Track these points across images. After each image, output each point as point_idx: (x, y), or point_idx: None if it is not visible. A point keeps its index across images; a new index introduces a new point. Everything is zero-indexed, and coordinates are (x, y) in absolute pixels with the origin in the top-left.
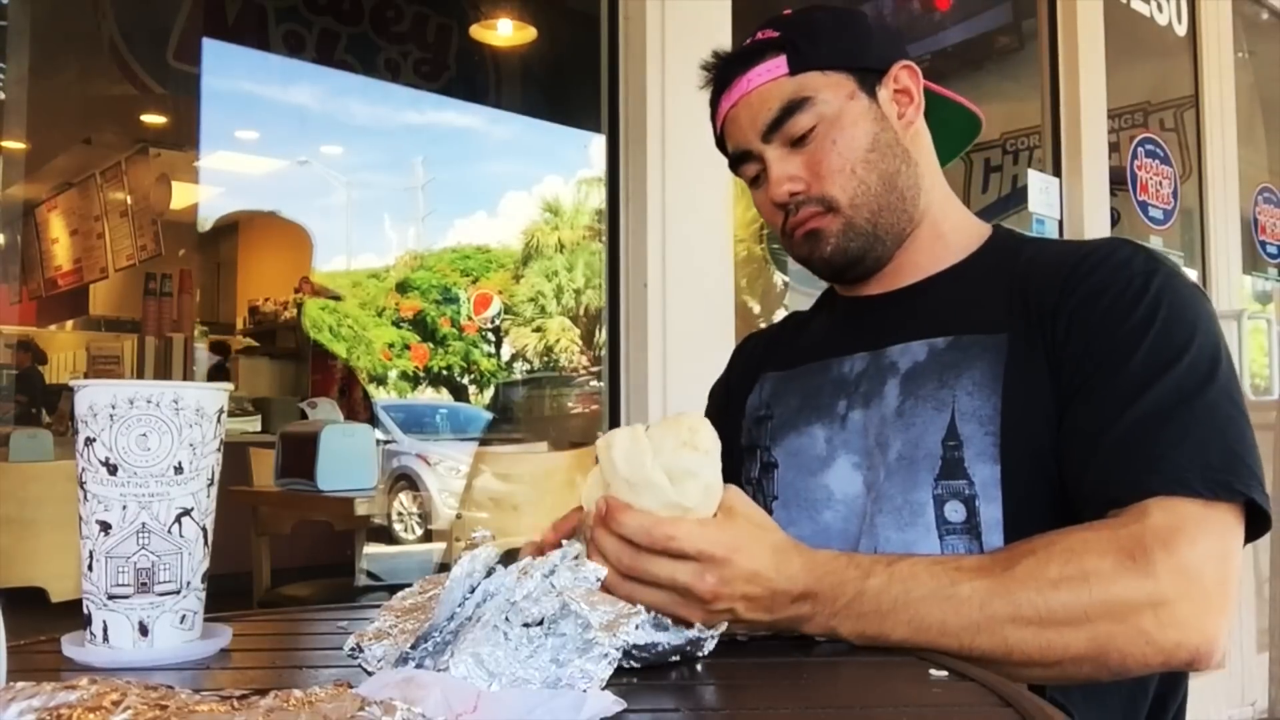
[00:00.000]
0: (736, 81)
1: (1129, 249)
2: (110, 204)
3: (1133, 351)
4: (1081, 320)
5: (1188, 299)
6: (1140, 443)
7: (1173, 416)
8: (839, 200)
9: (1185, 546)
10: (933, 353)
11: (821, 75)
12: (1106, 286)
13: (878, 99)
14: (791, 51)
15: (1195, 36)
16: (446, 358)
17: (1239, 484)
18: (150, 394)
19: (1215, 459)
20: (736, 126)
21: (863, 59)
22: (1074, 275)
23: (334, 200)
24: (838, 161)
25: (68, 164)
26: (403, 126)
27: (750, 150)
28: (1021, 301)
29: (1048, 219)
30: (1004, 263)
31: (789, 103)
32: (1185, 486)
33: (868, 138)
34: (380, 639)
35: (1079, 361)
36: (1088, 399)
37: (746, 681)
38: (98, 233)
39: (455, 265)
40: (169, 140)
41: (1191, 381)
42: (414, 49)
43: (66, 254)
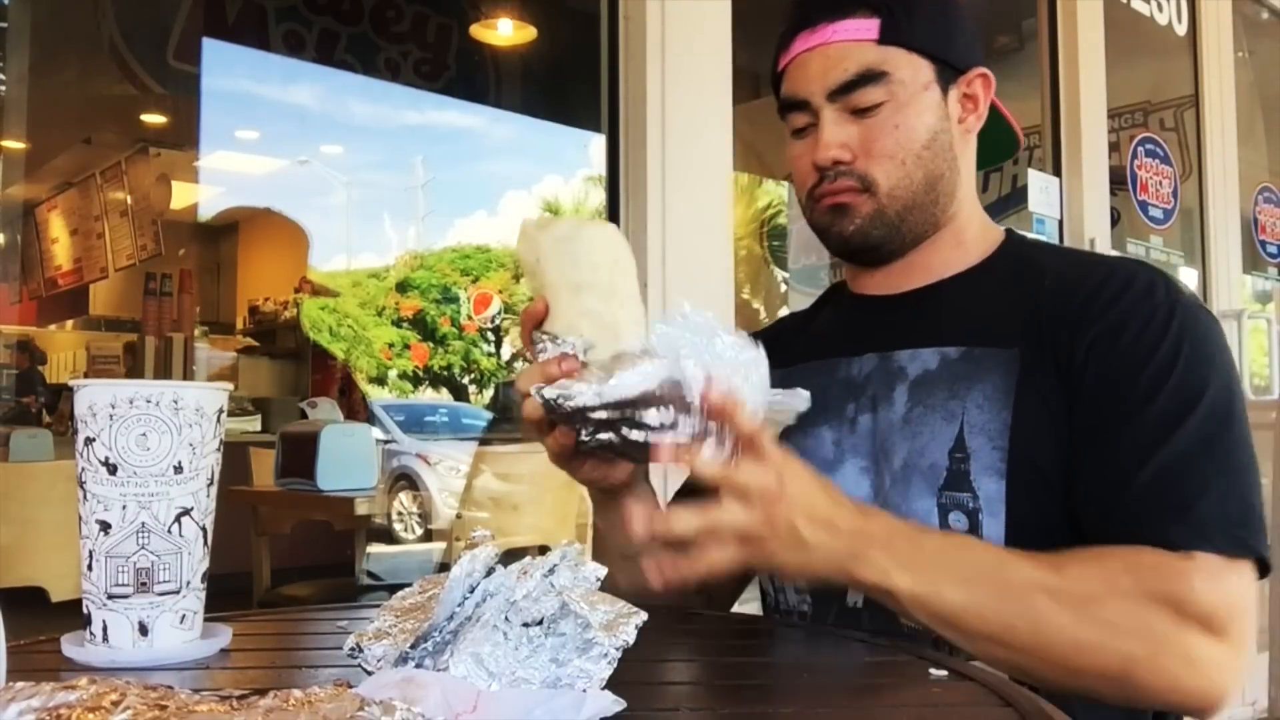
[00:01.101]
0: (821, 26)
1: (1150, 276)
2: (110, 204)
3: (1155, 393)
4: (1102, 352)
5: (1206, 334)
6: (1164, 492)
7: (1195, 465)
8: (880, 185)
9: (1223, 594)
10: (944, 362)
11: (906, 54)
12: (1128, 319)
13: (948, 97)
14: (887, 18)
15: (1195, 36)
16: (446, 357)
17: (1253, 540)
18: (150, 394)
19: (1235, 512)
20: (803, 73)
21: (949, 52)
22: (1094, 301)
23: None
24: (892, 146)
25: (68, 164)
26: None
27: (809, 101)
28: (1036, 318)
29: (1048, 218)
30: (1019, 272)
31: (867, 71)
32: (1209, 542)
33: (928, 133)
34: (380, 639)
35: (1098, 395)
36: (1110, 440)
37: (746, 681)
38: (98, 232)
39: (455, 265)
40: (169, 140)
41: (1212, 426)
42: (414, 49)
43: (66, 254)
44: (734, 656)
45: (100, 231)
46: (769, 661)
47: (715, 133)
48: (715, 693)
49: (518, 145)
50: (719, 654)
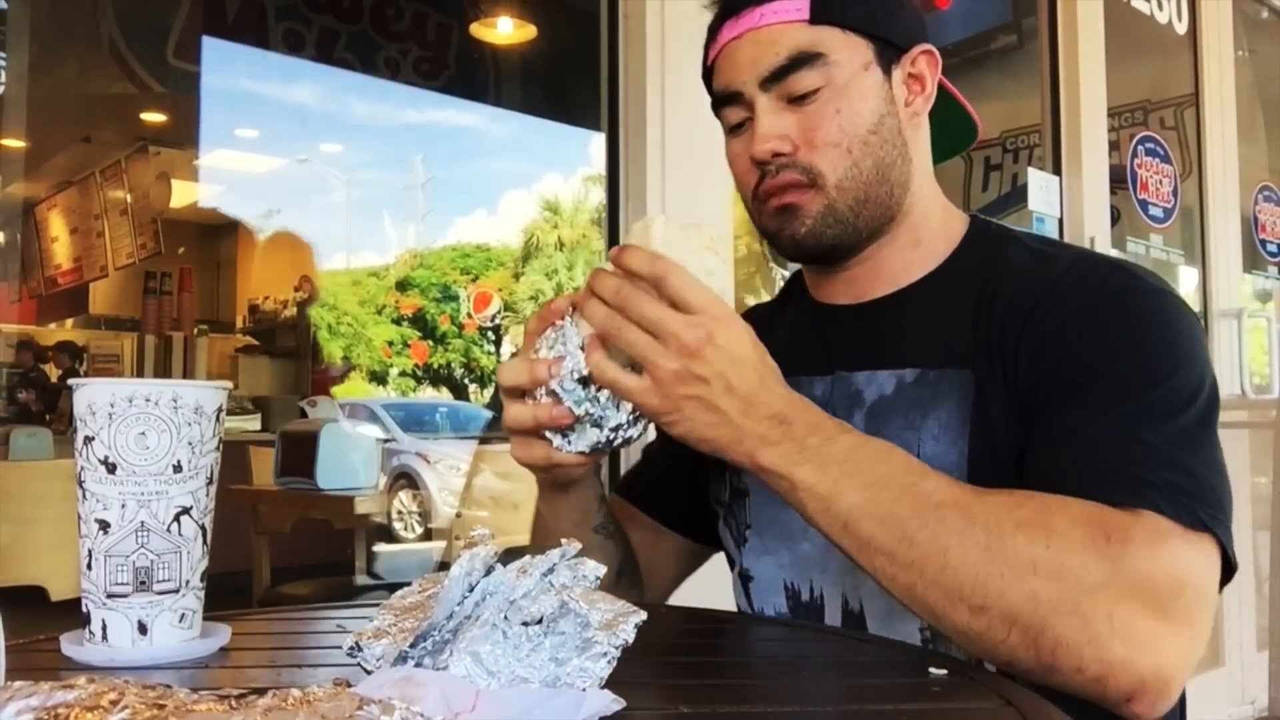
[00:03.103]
0: (747, 11)
1: (1102, 269)
2: (110, 202)
3: (1106, 368)
4: (1047, 353)
5: (1167, 317)
6: (1105, 456)
7: (1145, 435)
8: (826, 177)
9: (1167, 558)
10: (900, 386)
11: (842, 34)
12: (1078, 312)
13: (891, 78)
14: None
15: (1195, 34)
16: (446, 355)
17: (1205, 514)
18: (149, 392)
19: (1186, 484)
20: (733, 62)
21: (889, 29)
22: (1043, 304)
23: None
24: (835, 134)
25: (67, 162)
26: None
27: (741, 93)
28: (987, 331)
29: (1048, 217)
30: (977, 271)
31: (800, 54)
32: (1153, 505)
33: (873, 117)
34: (379, 638)
35: (1047, 391)
36: (1055, 415)
37: (746, 680)
38: (97, 231)
39: (455, 263)
40: (169, 138)
41: (1169, 407)
42: (414, 47)
43: (66, 252)
44: (734, 655)
45: (100, 230)
46: (769, 660)
47: (716, 131)
48: (715, 691)
49: (517, 144)
50: (719, 653)
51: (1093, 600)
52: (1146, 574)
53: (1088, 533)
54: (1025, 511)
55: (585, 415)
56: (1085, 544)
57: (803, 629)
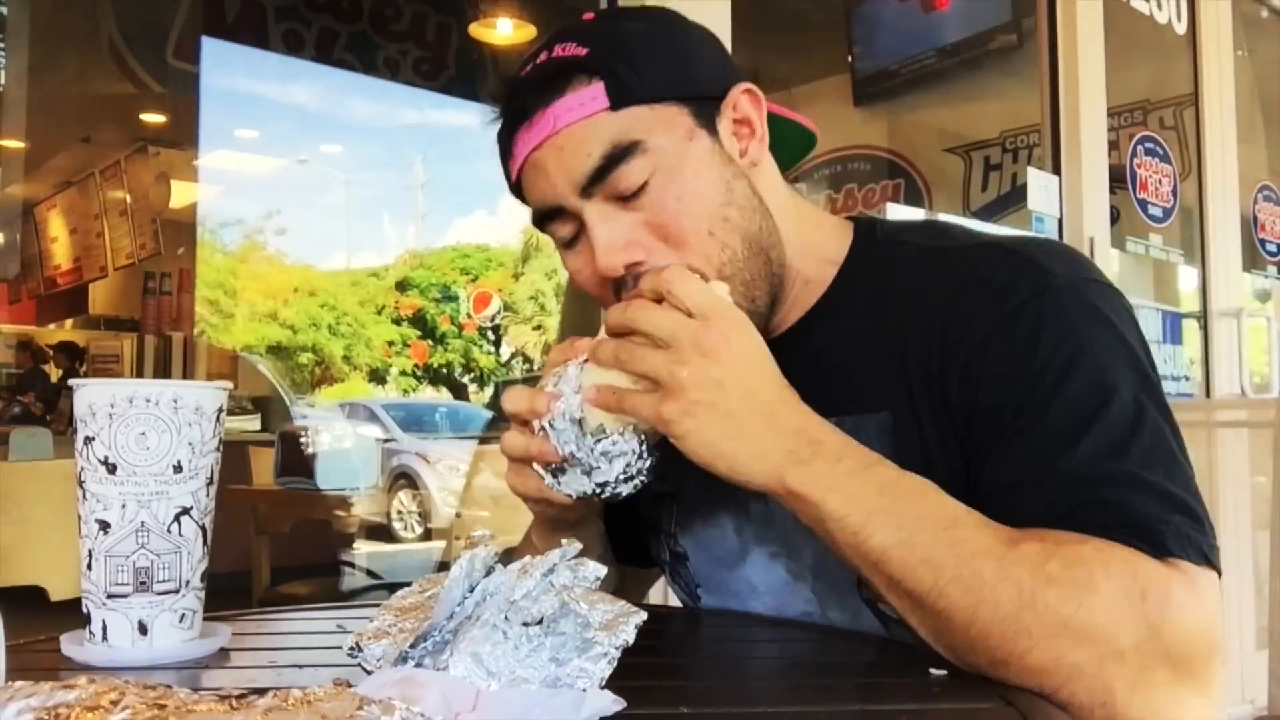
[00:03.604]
0: (539, 115)
1: (1010, 266)
2: (109, 203)
3: (1048, 400)
4: (974, 380)
5: (1092, 313)
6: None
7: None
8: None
9: (1204, 616)
10: None
11: (650, 110)
12: (996, 326)
13: (718, 134)
14: (610, 78)
15: (1195, 34)
16: (446, 355)
17: (1206, 546)
18: (149, 393)
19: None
20: (541, 174)
21: (697, 84)
22: (955, 321)
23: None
24: (688, 223)
25: (67, 163)
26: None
27: (562, 206)
28: (898, 363)
29: (1047, 217)
30: (870, 290)
31: (614, 149)
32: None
33: (719, 190)
34: (380, 638)
35: (985, 425)
36: (1005, 458)
37: (747, 681)
38: (97, 231)
39: (455, 264)
40: (168, 139)
41: (1122, 424)
42: (413, 47)
43: (66, 253)
44: (734, 655)
45: (99, 230)
46: (769, 660)
47: None
48: (715, 692)
49: None
50: (718, 653)
51: (1118, 665)
52: (1182, 638)
53: (1124, 589)
54: (1059, 564)
55: (573, 459)
56: (1120, 603)
57: (803, 630)
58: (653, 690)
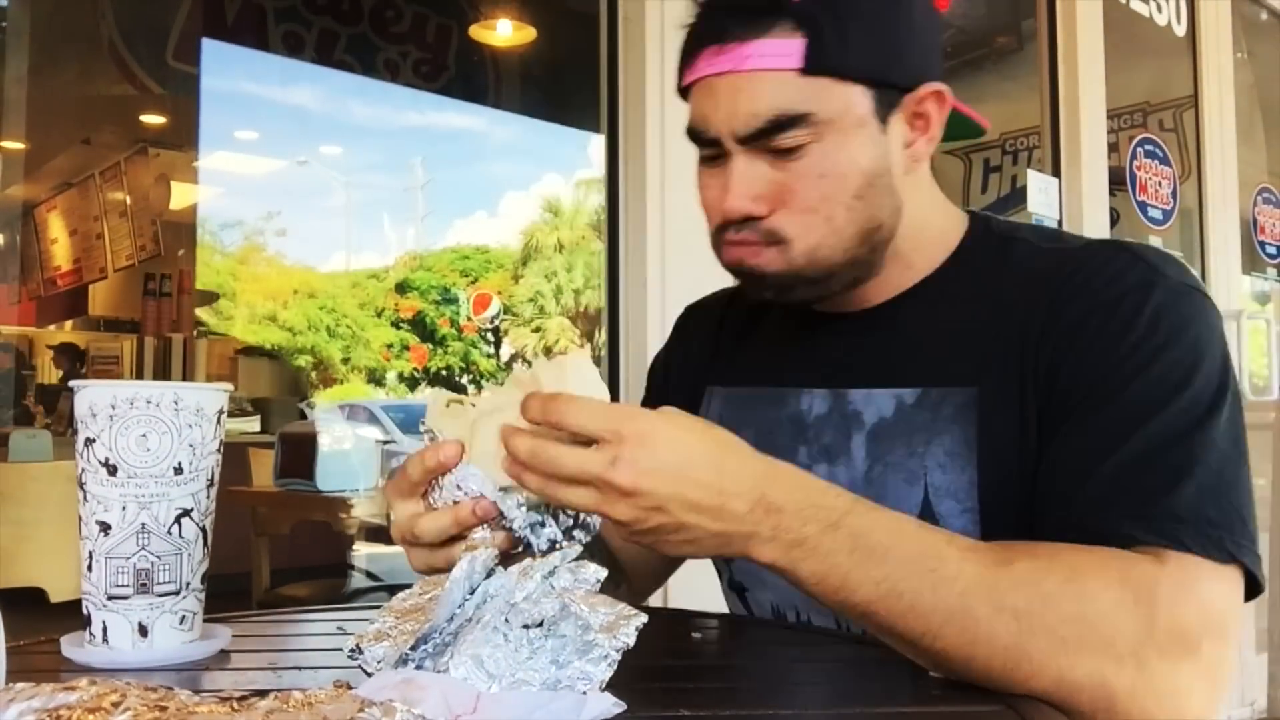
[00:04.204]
0: (732, 45)
1: (1123, 259)
2: (109, 204)
3: (1125, 383)
4: (1065, 356)
5: (1190, 318)
6: (1127, 487)
7: (1167, 458)
8: (796, 245)
9: (1195, 605)
10: (900, 408)
11: (837, 84)
12: (1093, 309)
13: (888, 126)
14: (813, 39)
15: (1194, 37)
16: (446, 358)
17: (1232, 543)
18: (150, 394)
19: (1211, 511)
20: (710, 101)
21: (893, 71)
22: (1056, 304)
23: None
24: (815, 200)
25: (67, 164)
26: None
27: (717, 138)
28: (994, 343)
29: (1047, 219)
30: (980, 276)
31: (783, 116)
32: (1178, 540)
33: (862, 179)
34: (380, 640)
35: (1064, 398)
36: (1072, 435)
37: (747, 683)
38: (97, 233)
39: (454, 266)
40: (168, 140)
41: (1191, 418)
42: (413, 49)
43: (66, 254)
44: (734, 658)
45: (99, 232)
46: (769, 663)
47: None
48: (715, 695)
49: (517, 146)
50: (719, 656)
51: (1118, 670)
52: (1172, 629)
53: (1117, 596)
54: (1054, 581)
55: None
56: (1115, 609)
57: (803, 632)
58: (653, 693)
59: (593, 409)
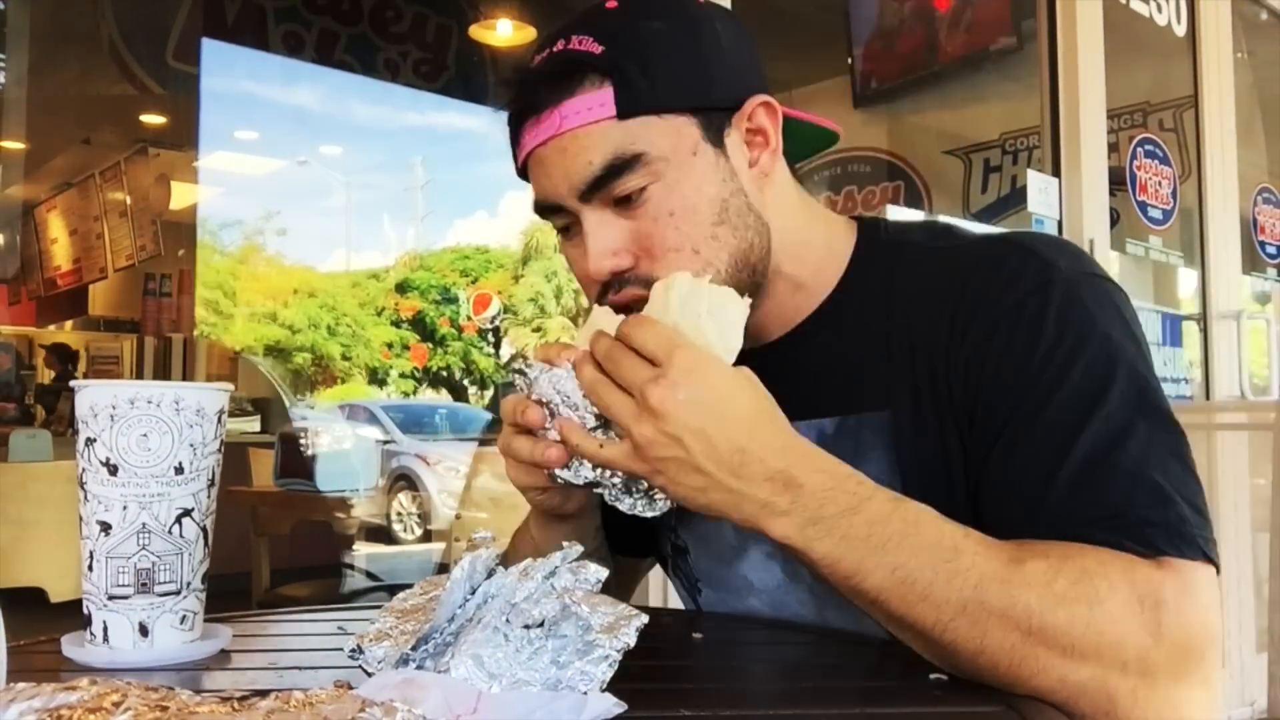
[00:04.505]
0: (546, 113)
1: (1014, 259)
2: (109, 204)
3: (1050, 392)
4: (977, 372)
5: (1095, 305)
6: (1090, 499)
7: (1116, 462)
8: None
9: (1199, 614)
10: (822, 439)
11: (658, 120)
12: (996, 322)
13: (725, 147)
14: (621, 85)
15: (1194, 36)
16: (446, 358)
17: (1203, 542)
18: (151, 394)
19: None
20: (544, 171)
21: (711, 94)
22: (956, 317)
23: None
24: (675, 238)
25: (67, 164)
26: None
27: (560, 204)
28: (903, 360)
29: (1047, 219)
30: (877, 291)
31: (615, 160)
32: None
33: (713, 207)
34: (381, 640)
35: (986, 419)
36: (1011, 453)
37: (746, 683)
38: (97, 233)
39: (454, 265)
40: (168, 140)
41: (1125, 413)
42: (413, 49)
43: (66, 254)
44: (735, 658)
45: (99, 232)
46: (770, 664)
47: None
48: (716, 695)
49: None
50: (720, 656)
51: (1121, 676)
52: (1179, 638)
53: (1126, 601)
54: (1065, 581)
55: None
56: (1124, 614)
57: (803, 633)
58: (653, 693)
59: (659, 331)
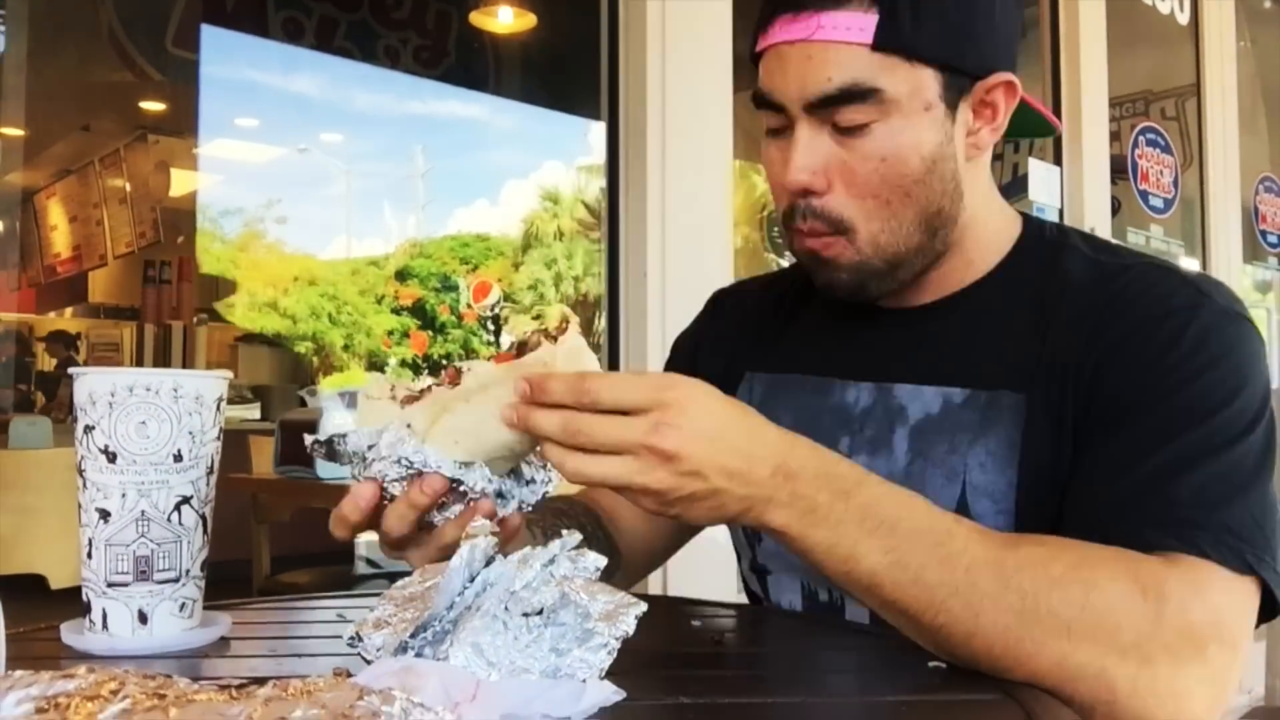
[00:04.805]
0: (806, 14)
1: (1172, 280)
2: (109, 191)
3: (1166, 395)
4: (1106, 372)
5: (1236, 341)
6: (1150, 496)
7: (1193, 471)
8: (858, 232)
9: (1203, 608)
10: (947, 407)
11: (907, 65)
12: (1138, 326)
13: (955, 113)
14: (887, 16)
15: (1197, 25)
16: (446, 345)
17: (1253, 556)
18: (150, 382)
19: (1233, 523)
20: (780, 69)
21: (965, 57)
22: (1104, 319)
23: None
24: (876, 183)
25: (66, 151)
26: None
27: (783, 105)
28: (1044, 350)
29: (1048, 207)
30: (1033, 282)
31: (853, 87)
32: (1196, 547)
33: (923, 164)
34: (380, 628)
35: (1100, 412)
36: (1107, 442)
37: (746, 671)
38: (97, 220)
39: (455, 253)
40: (168, 127)
41: (1225, 437)
42: (413, 36)
43: (65, 241)
44: (734, 647)
45: (99, 219)
46: (769, 652)
47: (716, 120)
48: (715, 683)
49: (518, 133)
50: (719, 644)
51: (1120, 661)
52: (1180, 627)
53: (1125, 589)
54: (1061, 566)
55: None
56: (1122, 600)
57: (804, 620)
58: (652, 681)
59: (628, 381)
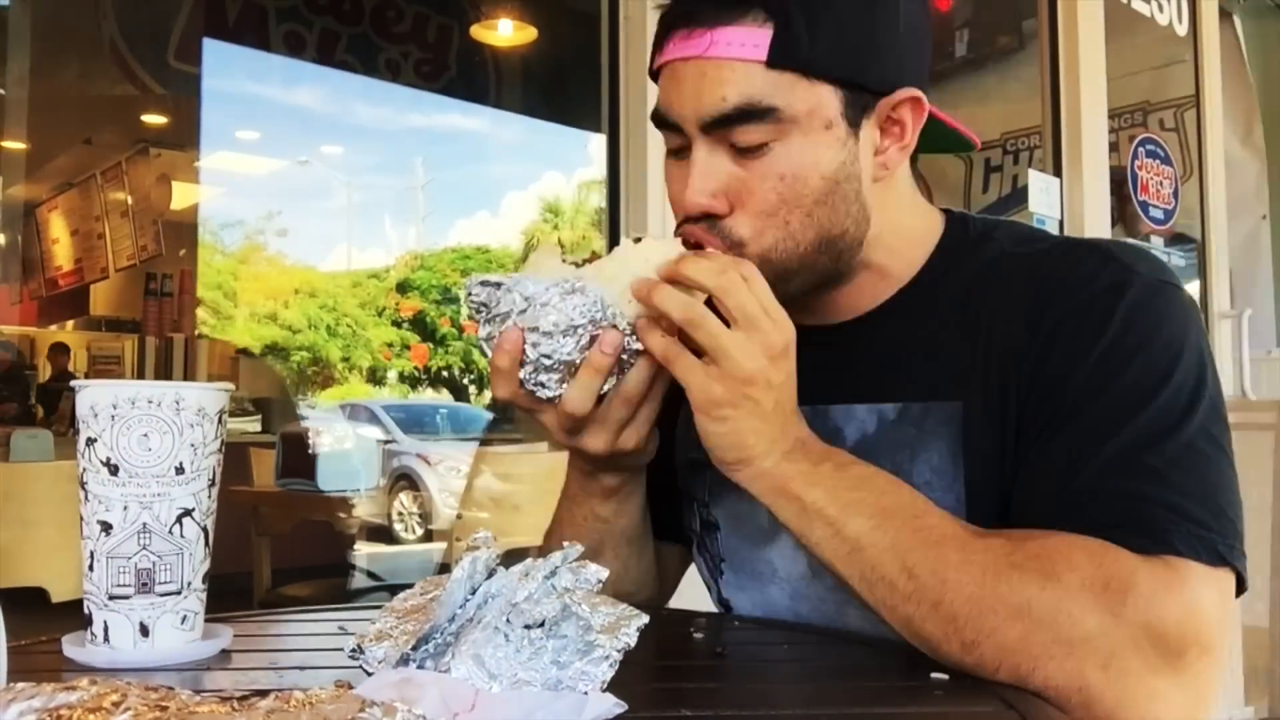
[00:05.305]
0: (700, 31)
1: (1094, 259)
2: (111, 204)
3: (1104, 385)
4: (1041, 367)
5: (1166, 312)
6: (1106, 492)
7: (1145, 460)
8: (750, 248)
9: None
10: (883, 424)
11: (804, 81)
12: (1066, 315)
13: (859, 131)
14: (781, 31)
15: (1196, 36)
16: (446, 358)
17: (1223, 548)
18: (152, 394)
19: (1195, 511)
20: (675, 86)
21: (866, 73)
22: (1031, 314)
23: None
24: (774, 202)
25: (68, 164)
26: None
27: (680, 125)
28: (976, 354)
29: (1048, 219)
30: (958, 284)
31: (748, 105)
32: (1164, 544)
33: (823, 185)
34: (381, 640)
35: (1040, 407)
36: (1052, 438)
37: (748, 684)
38: (98, 233)
39: (455, 265)
40: (169, 140)
41: (1170, 419)
42: (414, 49)
43: (67, 254)
44: (736, 659)
45: (101, 232)
46: (771, 664)
47: None
48: (717, 695)
49: (518, 146)
50: (720, 656)
51: (1086, 648)
52: (1148, 625)
53: (1086, 579)
54: (1024, 554)
55: None
56: (1082, 591)
57: (805, 633)
58: (654, 693)
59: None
